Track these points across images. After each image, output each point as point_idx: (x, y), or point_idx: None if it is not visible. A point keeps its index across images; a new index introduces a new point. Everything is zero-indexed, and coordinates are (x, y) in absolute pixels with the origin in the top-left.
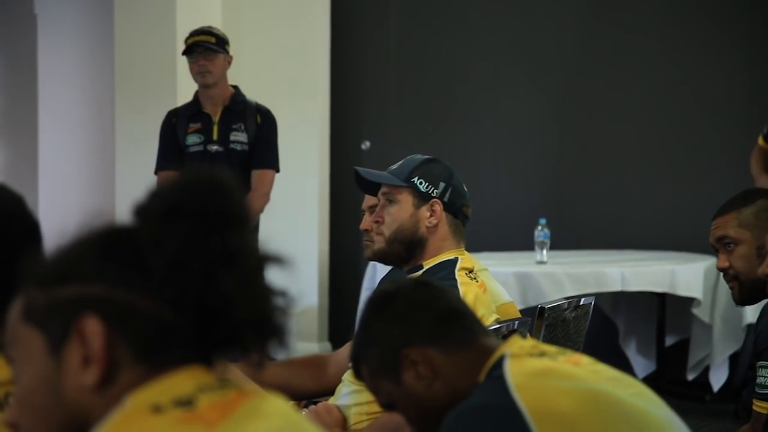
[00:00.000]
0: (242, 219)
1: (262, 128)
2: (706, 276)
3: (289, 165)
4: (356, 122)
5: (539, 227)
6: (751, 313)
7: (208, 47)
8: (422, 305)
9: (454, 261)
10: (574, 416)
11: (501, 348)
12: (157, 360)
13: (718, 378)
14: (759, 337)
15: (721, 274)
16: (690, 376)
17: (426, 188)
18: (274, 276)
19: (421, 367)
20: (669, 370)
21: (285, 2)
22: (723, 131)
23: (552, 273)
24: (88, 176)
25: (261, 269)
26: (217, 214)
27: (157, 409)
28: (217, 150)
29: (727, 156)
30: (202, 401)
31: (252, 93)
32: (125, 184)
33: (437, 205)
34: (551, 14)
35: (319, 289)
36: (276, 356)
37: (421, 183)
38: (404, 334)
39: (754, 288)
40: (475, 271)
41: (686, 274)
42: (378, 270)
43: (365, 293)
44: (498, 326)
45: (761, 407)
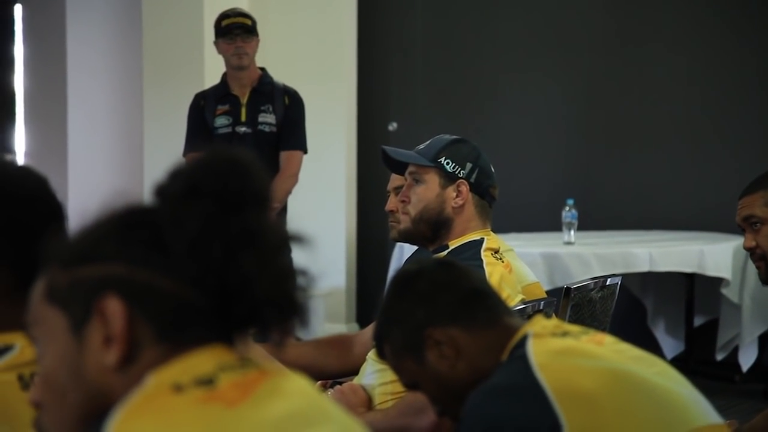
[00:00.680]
0: (263, 198)
1: (290, 110)
2: (735, 256)
3: (317, 146)
4: (383, 103)
5: (567, 208)
6: None
7: (247, 29)
8: (446, 285)
9: (480, 241)
10: (597, 395)
11: (524, 327)
12: (178, 339)
13: (748, 358)
14: None
15: (749, 254)
16: (719, 357)
17: (453, 168)
18: (300, 257)
19: (445, 347)
20: (698, 351)
21: None
22: (752, 111)
23: (580, 254)
24: (117, 158)
25: (282, 249)
26: (238, 194)
27: (178, 389)
28: (246, 132)
29: (757, 136)
30: (223, 381)
31: (279, 75)
32: (153, 166)
33: (464, 186)
34: None
35: (347, 271)
36: (302, 337)
37: (448, 163)
38: (428, 314)
39: None
40: (501, 252)
41: (715, 254)
42: (405, 251)
43: (392, 274)
44: (523, 306)
45: None
